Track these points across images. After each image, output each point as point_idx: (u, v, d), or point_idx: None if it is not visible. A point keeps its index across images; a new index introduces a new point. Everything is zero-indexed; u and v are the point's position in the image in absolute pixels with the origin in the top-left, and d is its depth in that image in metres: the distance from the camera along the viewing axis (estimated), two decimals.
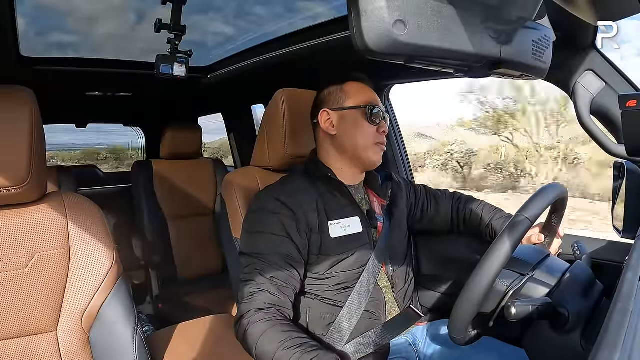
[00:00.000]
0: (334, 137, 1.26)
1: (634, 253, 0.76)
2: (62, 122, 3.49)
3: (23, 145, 0.94)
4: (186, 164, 2.74)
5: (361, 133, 1.22)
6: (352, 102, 1.24)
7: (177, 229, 2.62)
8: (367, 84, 1.29)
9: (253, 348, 0.99)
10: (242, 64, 2.10)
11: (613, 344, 0.40)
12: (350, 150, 1.24)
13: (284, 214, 1.15)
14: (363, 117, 1.22)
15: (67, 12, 1.99)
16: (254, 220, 1.19)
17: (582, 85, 1.22)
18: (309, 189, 1.22)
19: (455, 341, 0.86)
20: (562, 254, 1.20)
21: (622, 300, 0.50)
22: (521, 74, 0.62)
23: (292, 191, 1.20)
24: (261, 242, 1.13)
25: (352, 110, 1.23)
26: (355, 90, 1.26)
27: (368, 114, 1.22)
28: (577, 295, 0.87)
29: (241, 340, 1.05)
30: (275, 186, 1.25)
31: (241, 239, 1.22)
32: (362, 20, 0.44)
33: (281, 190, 1.21)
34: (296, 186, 1.22)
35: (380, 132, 1.23)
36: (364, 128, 1.22)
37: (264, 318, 1.01)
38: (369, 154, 1.24)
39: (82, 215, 1.07)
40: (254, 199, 1.25)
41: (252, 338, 1.00)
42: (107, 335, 1.06)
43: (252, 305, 1.04)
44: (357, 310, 1.17)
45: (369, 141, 1.23)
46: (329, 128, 1.26)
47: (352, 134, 1.23)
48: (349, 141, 1.24)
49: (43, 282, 1.01)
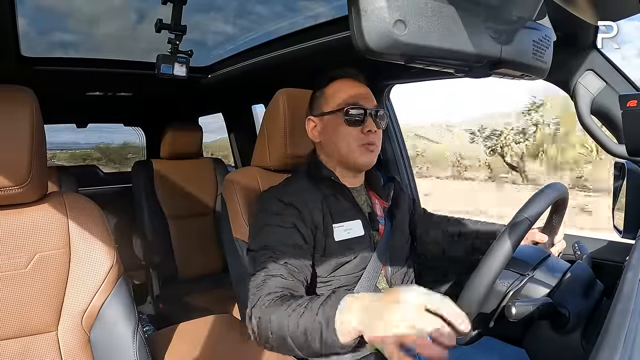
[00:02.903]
0: (321, 144, 1.24)
1: (634, 253, 0.76)
2: (62, 122, 3.49)
3: (24, 145, 0.94)
4: (187, 163, 2.74)
5: (342, 138, 1.17)
6: (330, 106, 1.20)
7: (178, 229, 2.62)
8: (356, 78, 1.23)
9: (268, 336, 0.90)
10: (243, 64, 2.11)
11: (613, 344, 0.40)
12: (336, 156, 1.21)
13: (289, 212, 1.12)
14: (341, 120, 1.17)
15: (68, 12, 1.99)
16: (259, 219, 1.15)
17: (583, 85, 1.22)
18: (313, 190, 1.19)
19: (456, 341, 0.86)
20: (563, 254, 1.19)
21: (622, 300, 0.50)
22: (522, 74, 0.62)
23: (296, 191, 1.17)
24: (269, 235, 1.08)
25: (331, 115, 1.19)
26: (334, 91, 1.21)
27: (345, 115, 1.16)
28: (578, 295, 0.87)
29: (256, 336, 0.94)
30: (279, 187, 1.22)
31: (249, 241, 1.18)
32: (362, 20, 0.44)
33: (284, 191, 1.17)
34: (300, 186, 1.19)
35: (365, 132, 1.16)
36: (344, 132, 1.17)
37: (274, 298, 0.93)
38: (355, 157, 1.18)
39: (82, 215, 1.07)
40: (257, 200, 1.22)
41: (264, 326, 0.90)
42: (108, 335, 1.06)
43: (262, 291, 0.96)
44: None
45: (352, 145, 1.17)
46: (315, 136, 1.24)
47: (333, 140, 1.19)
48: (332, 147, 1.21)
49: (43, 282, 1.01)
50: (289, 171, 1.42)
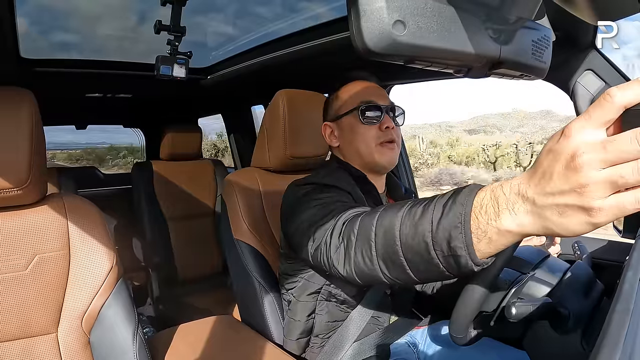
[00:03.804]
0: (340, 148, 1.22)
1: (634, 253, 0.75)
2: (62, 123, 3.49)
3: (23, 146, 0.94)
4: (186, 165, 2.74)
5: (360, 138, 1.15)
6: (345, 108, 1.18)
7: (177, 230, 2.62)
8: (368, 79, 1.22)
9: (372, 240, 0.72)
10: (242, 65, 2.10)
11: (614, 344, 0.40)
12: (357, 158, 1.18)
13: (334, 191, 1.01)
14: (357, 120, 1.15)
15: (68, 13, 1.99)
16: (303, 201, 1.01)
17: (582, 85, 1.22)
18: (348, 179, 1.12)
19: (455, 341, 0.86)
20: (563, 254, 1.19)
21: (622, 300, 0.50)
22: (521, 74, 0.62)
23: (331, 175, 1.10)
24: (312, 210, 0.96)
25: (347, 116, 1.18)
26: (347, 93, 1.20)
27: (361, 114, 1.14)
28: (578, 295, 0.87)
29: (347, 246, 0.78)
30: (316, 175, 1.12)
31: (288, 228, 1.06)
32: (361, 21, 0.44)
33: (324, 175, 1.09)
34: (338, 176, 1.11)
35: (383, 129, 1.14)
36: (361, 132, 1.15)
37: (363, 212, 0.79)
38: (375, 158, 1.15)
39: (82, 217, 1.07)
40: (291, 189, 1.11)
41: (364, 232, 0.74)
42: (108, 336, 1.05)
43: (338, 223, 0.82)
44: (364, 314, 1.15)
45: (371, 144, 1.14)
46: (333, 141, 1.22)
47: (351, 141, 1.17)
48: (351, 150, 1.18)
49: (43, 284, 1.01)
50: (289, 172, 1.42)
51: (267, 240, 1.37)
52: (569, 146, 0.43)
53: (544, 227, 0.48)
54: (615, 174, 0.41)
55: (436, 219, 0.60)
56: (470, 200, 0.56)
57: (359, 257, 0.75)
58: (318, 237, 0.89)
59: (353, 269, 0.78)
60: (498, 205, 0.52)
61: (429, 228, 0.61)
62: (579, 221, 0.44)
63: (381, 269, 0.72)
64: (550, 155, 0.46)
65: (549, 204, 0.46)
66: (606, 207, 0.42)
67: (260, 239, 1.36)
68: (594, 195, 0.42)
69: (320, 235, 0.88)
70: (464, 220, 0.56)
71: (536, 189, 0.47)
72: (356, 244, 0.76)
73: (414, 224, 0.64)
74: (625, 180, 0.40)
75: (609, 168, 0.41)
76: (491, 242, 0.54)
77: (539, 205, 0.47)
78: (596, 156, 0.41)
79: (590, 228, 0.45)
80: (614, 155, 0.41)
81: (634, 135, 0.40)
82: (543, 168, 0.46)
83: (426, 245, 0.61)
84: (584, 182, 0.42)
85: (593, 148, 0.42)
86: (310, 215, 0.95)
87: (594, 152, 0.42)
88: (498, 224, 0.52)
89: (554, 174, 0.45)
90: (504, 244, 0.54)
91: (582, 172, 0.42)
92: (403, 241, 0.66)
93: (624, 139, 0.40)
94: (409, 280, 0.69)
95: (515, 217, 0.50)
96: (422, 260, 0.63)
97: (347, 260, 0.78)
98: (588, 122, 0.43)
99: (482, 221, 0.54)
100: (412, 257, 0.65)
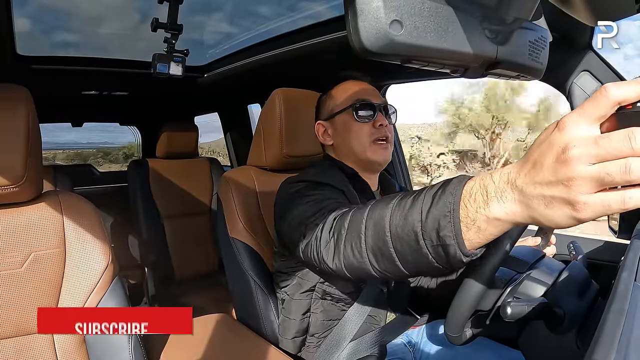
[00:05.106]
0: (334, 147, 1.22)
1: (629, 253, 0.76)
2: (58, 121, 3.48)
3: (19, 144, 0.94)
4: (182, 163, 2.74)
5: (354, 135, 1.16)
6: (339, 106, 1.19)
7: (174, 228, 2.61)
8: (361, 79, 1.23)
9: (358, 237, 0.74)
10: (239, 63, 2.10)
11: (608, 344, 0.40)
12: (351, 156, 1.18)
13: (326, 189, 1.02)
14: (351, 117, 1.16)
15: (69, 12, 1.98)
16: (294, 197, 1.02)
17: (578, 86, 1.22)
18: (341, 177, 1.13)
19: (451, 340, 0.86)
20: (558, 254, 1.20)
21: (617, 300, 0.50)
22: (517, 74, 0.62)
23: (324, 173, 1.11)
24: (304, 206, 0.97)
25: (340, 114, 1.19)
26: (341, 91, 1.21)
27: (355, 112, 1.15)
28: (573, 295, 0.87)
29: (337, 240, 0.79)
30: (308, 173, 1.13)
31: (280, 225, 1.07)
32: (358, 20, 0.44)
33: (316, 174, 1.10)
34: (331, 173, 1.12)
35: (377, 126, 1.16)
36: (355, 129, 1.16)
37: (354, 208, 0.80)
38: (368, 155, 1.16)
39: (78, 215, 1.07)
40: (284, 187, 1.12)
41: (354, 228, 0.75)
42: (103, 335, 1.05)
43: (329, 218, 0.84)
44: (361, 313, 1.15)
45: (365, 141, 1.16)
46: (326, 139, 1.23)
47: (345, 139, 1.18)
48: (345, 148, 1.19)
49: (39, 282, 1.01)
50: (285, 171, 1.42)
51: (263, 238, 1.37)
52: (561, 139, 0.44)
53: (531, 217, 0.49)
54: (602, 171, 0.41)
55: (426, 209, 0.61)
56: (460, 190, 0.57)
57: (348, 250, 0.76)
58: (309, 233, 0.89)
59: (342, 262, 0.78)
60: (487, 193, 0.52)
61: (419, 218, 0.62)
62: (563, 214, 0.45)
63: (370, 261, 0.73)
64: (542, 146, 0.46)
65: (537, 194, 0.47)
66: (591, 203, 0.43)
67: (255, 237, 1.35)
68: (580, 190, 0.43)
69: (311, 231, 0.88)
70: (453, 209, 0.57)
71: (525, 179, 0.48)
72: (346, 238, 0.77)
73: (403, 214, 0.65)
74: (612, 178, 0.41)
75: (597, 164, 0.42)
76: (480, 231, 0.55)
77: (526, 195, 0.48)
78: (587, 151, 0.42)
79: (574, 222, 0.46)
80: (604, 152, 0.41)
81: (626, 133, 0.41)
82: (534, 158, 0.47)
83: (415, 235, 0.62)
84: (571, 176, 0.43)
85: (585, 143, 0.42)
86: (301, 211, 0.96)
87: (585, 147, 0.42)
88: (487, 212, 0.52)
89: (544, 165, 0.46)
90: (492, 233, 0.54)
91: (571, 166, 0.43)
92: (393, 232, 0.66)
93: (616, 137, 0.41)
94: (398, 272, 0.70)
95: (504, 205, 0.51)
96: (411, 250, 0.64)
97: (337, 254, 0.79)
98: (582, 117, 0.44)
99: (471, 209, 0.55)
100: (401, 248, 0.66)
